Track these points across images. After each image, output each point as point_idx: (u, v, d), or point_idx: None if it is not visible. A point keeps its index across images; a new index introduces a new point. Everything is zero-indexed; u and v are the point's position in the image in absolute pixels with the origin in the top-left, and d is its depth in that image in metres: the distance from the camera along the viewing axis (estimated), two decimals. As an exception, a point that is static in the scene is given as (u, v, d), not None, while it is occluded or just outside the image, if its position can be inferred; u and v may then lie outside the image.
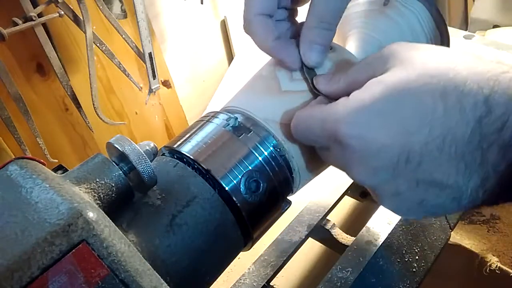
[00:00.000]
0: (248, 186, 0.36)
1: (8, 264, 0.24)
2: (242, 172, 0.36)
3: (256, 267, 0.58)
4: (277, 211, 0.40)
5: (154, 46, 0.90)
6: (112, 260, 0.26)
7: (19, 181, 0.27)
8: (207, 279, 0.36)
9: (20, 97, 0.72)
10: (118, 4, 0.85)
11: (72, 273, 0.25)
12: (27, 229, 0.25)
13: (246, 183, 0.36)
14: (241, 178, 0.36)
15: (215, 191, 0.36)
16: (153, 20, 0.96)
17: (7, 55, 0.75)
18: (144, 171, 0.32)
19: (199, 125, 0.40)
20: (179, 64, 1.08)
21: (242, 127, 0.38)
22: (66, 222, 0.25)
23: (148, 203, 0.34)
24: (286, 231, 0.62)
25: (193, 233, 0.34)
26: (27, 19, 0.69)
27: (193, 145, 0.38)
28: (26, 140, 0.75)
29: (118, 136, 0.33)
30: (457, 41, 0.76)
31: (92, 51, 0.77)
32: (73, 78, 0.84)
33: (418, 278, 0.52)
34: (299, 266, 0.67)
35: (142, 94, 0.96)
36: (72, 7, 0.74)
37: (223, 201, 0.36)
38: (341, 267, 0.54)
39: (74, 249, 0.25)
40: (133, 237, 0.32)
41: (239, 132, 0.38)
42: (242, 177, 0.36)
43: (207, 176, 0.36)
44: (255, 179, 0.37)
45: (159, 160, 0.38)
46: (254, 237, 0.38)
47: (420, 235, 0.57)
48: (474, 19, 1.35)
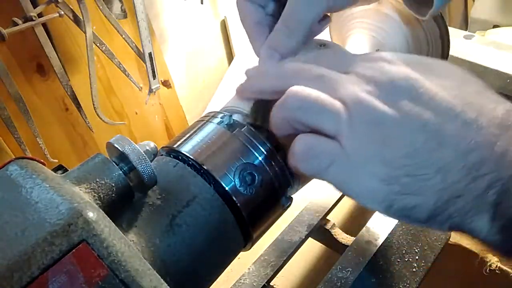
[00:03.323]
0: (243, 179, 0.36)
1: (8, 264, 0.24)
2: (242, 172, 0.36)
3: (256, 267, 0.58)
4: (277, 208, 0.40)
5: (154, 46, 0.90)
6: (112, 260, 0.26)
7: (19, 181, 0.27)
8: (207, 279, 0.36)
9: (20, 97, 0.72)
10: (118, 4, 0.85)
11: (72, 273, 0.25)
12: (27, 229, 0.25)
13: (240, 176, 0.36)
14: (235, 171, 0.36)
15: (215, 191, 0.36)
16: (153, 20, 0.96)
17: (7, 55, 0.75)
18: (144, 171, 0.32)
19: (199, 125, 0.40)
20: (179, 64, 1.08)
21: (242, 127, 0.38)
22: (66, 222, 0.25)
23: (148, 203, 0.34)
24: (286, 231, 0.62)
25: (193, 233, 0.34)
26: (27, 19, 0.69)
27: (193, 145, 0.38)
28: (26, 140, 0.75)
29: (118, 136, 0.33)
30: (457, 41, 0.76)
31: (92, 51, 0.77)
32: (73, 78, 0.84)
33: (418, 278, 0.52)
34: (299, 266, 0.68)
35: (142, 94, 0.96)
36: (72, 7, 0.74)
37: (223, 201, 0.36)
38: (341, 267, 0.54)
39: (74, 249, 0.25)
40: (133, 237, 0.32)
41: (239, 131, 0.38)
42: (235, 170, 0.36)
43: (207, 176, 0.36)
44: (250, 172, 0.36)
45: (159, 160, 0.38)
46: (254, 237, 0.38)
47: (420, 235, 0.57)
48: (474, 19, 1.35)
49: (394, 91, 0.29)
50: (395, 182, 0.28)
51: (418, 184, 0.28)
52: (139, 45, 0.86)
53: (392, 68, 0.30)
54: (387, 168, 0.28)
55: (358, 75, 0.30)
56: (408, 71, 0.29)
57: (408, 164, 0.28)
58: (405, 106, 0.28)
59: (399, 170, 0.28)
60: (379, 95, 0.29)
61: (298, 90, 0.31)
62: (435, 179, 0.28)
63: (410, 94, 0.28)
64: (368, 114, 0.29)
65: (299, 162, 0.31)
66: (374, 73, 0.30)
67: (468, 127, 0.27)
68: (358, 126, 0.29)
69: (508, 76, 0.69)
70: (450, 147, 0.27)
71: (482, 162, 0.27)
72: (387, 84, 0.29)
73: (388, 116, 0.28)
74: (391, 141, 0.28)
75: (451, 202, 0.28)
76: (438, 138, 0.28)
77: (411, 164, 0.28)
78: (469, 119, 0.27)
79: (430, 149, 0.28)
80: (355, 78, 0.30)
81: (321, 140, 0.30)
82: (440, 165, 0.27)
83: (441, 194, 0.28)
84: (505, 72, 0.69)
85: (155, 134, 1.06)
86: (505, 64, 0.70)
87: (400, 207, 0.29)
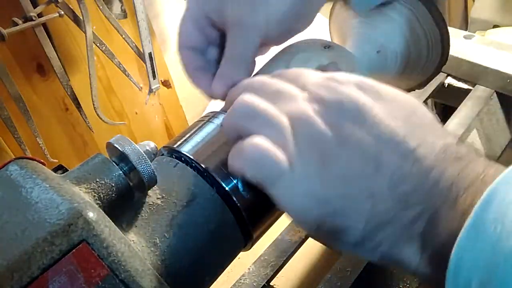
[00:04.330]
0: (243, 180, 0.36)
1: (8, 264, 0.24)
2: (242, 172, 0.36)
3: (256, 267, 0.58)
4: (277, 211, 0.40)
5: (154, 46, 0.90)
6: (112, 260, 0.26)
7: (19, 181, 0.27)
8: (207, 279, 0.36)
9: (20, 97, 0.72)
10: (118, 4, 0.85)
11: (72, 273, 0.25)
12: (27, 229, 0.25)
13: (243, 179, 0.36)
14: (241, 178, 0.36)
15: (215, 191, 0.36)
16: (153, 20, 0.96)
17: (7, 55, 0.75)
18: (144, 171, 0.32)
19: (199, 125, 0.40)
20: (179, 64, 1.08)
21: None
22: (66, 222, 0.25)
23: (148, 203, 0.34)
24: (286, 231, 0.62)
25: (193, 233, 0.34)
26: (27, 19, 0.69)
27: (193, 145, 0.38)
28: (26, 140, 0.75)
29: (118, 136, 0.33)
30: (457, 41, 0.76)
31: (92, 51, 0.77)
32: (73, 78, 0.84)
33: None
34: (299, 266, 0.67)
35: (142, 94, 0.96)
36: (72, 7, 0.74)
37: (223, 201, 0.36)
38: (341, 267, 0.54)
39: (74, 249, 0.25)
40: (133, 237, 0.32)
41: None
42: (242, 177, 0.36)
43: (207, 176, 0.36)
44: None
45: (159, 160, 0.38)
46: (254, 237, 0.38)
47: (420, 235, 0.56)
48: (474, 19, 1.35)
49: (340, 112, 0.29)
50: (328, 203, 0.29)
51: (349, 207, 0.28)
52: (139, 45, 0.86)
53: (344, 90, 0.30)
54: (323, 188, 0.29)
55: (312, 94, 0.31)
56: (358, 94, 0.30)
57: (342, 187, 0.29)
58: (348, 129, 0.29)
59: (333, 191, 0.29)
60: (324, 115, 0.29)
61: (246, 99, 0.32)
62: (366, 204, 0.28)
63: (356, 117, 0.29)
64: (309, 132, 0.29)
65: (248, 166, 0.31)
66: (326, 93, 0.30)
67: (406, 157, 0.28)
68: (301, 143, 0.29)
69: (508, 76, 0.69)
70: (384, 176, 0.28)
71: (413, 193, 0.27)
72: (335, 105, 0.30)
73: (328, 137, 0.29)
74: (330, 162, 0.29)
75: (380, 228, 0.28)
76: (375, 165, 0.28)
77: (345, 186, 0.28)
78: (408, 150, 0.28)
79: (365, 175, 0.28)
80: (308, 96, 0.31)
81: (274, 149, 0.30)
82: (372, 192, 0.28)
83: (370, 220, 0.28)
84: (505, 72, 0.69)
85: (155, 134, 1.06)
86: (505, 64, 0.70)
87: (330, 229, 0.29)
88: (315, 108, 0.30)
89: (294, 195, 0.30)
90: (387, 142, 0.28)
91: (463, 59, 0.73)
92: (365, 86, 0.30)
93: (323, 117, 0.29)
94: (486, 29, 1.21)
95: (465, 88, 0.73)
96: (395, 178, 0.28)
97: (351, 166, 0.29)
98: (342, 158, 0.29)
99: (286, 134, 0.30)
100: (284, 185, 0.30)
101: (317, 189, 0.29)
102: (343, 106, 0.29)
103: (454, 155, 0.28)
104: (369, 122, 0.29)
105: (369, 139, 0.28)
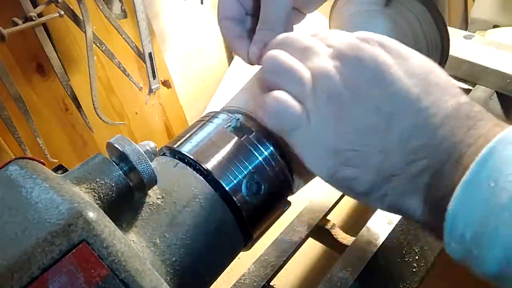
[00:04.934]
0: (250, 188, 0.36)
1: (8, 264, 0.24)
2: (243, 172, 0.36)
3: (256, 267, 0.58)
4: (277, 212, 0.40)
5: (154, 46, 0.90)
6: (112, 260, 0.26)
7: (19, 181, 0.27)
8: (207, 279, 0.36)
9: (20, 97, 0.71)
10: (118, 4, 0.85)
11: (72, 273, 0.25)
12: (27, 229, 0.25)
13: (247, 185, 0.36)
14: (243, 180, 0.36)
15: (215, 191, 0.36)
16: (153, 20, 0.96)
17: (7, 55, 0.75)
18: (144, 171, 0.32)
19: (199, 125, 0.40)
20: (179, 64, 1.08)
21: (243, 128, 0.39)
22: (66, 222, 0.25)
23: (148, 203, 0.34)
24: (286, 231, 0.62)
25: (193, 233, 0.34)
26: (27, 19, 0.69)
27: (193, 145, 0.38)
28: (26, 140, 0.75)
29: (118, 136, 0.33)
30: (457, 41, 0.76)
31: (92, 51, 0.77)
32: (73, 78, 0.84)
33: (418, 278, 0.52)
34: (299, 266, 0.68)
35: (142, 94, 0.96)
36: (72, 7, 0.74)
37: (223, 201, 0.36)
38: (341, 267, 0.54)
39: (74, 249, 0.25)
40: (133, 237, 0.32)
41: (240, 132, 0.38)
42: (243, 178, 0.36)
43: (207, 176, 0.36)
44: (257, 181, 0.37)
45: (159, 160, 0.38)
46: (254, 237, 0.38)
47: (420, 235, 0.56)
48: (474, 19, 1.35)
49: (359, 69, 0.31)
50: (341, 153, 0.31)
51: (361, 159, 0.31)
52: (139, 45, 0.86)
53: (366, 47, 0.31)
54: (337, 140, 0.31)
55: (336, 51, 0.32)
56: (379, 53, 0.31)
57: (356, 140, 0.30)
58: (365, 86, 0.30)
59: (346, 143, 0.31)
60: (344, 71, 0.31)
61: (274, 55, 0.33)
62: (377, 158, 0.30)
63: (374, 75, 0.30)
64: (328, 87, 0.31)
65: (268, 116, 0.33)
66: (348, 50, 0.32)
67: (418, 115, 0.29)
68: (319, 97, 0.31)
69: (508, 76, 0.69)
70: (396, 132, 0.29)
71: (421, 148, 0.29)
72: (355, 61, 0.31)
73: (345, 92, 0.31)
74: (345, 116, 0.31)
75: (387, 180, 0.30)
76: (388, 122, 0.30)
77: (358, 140, 0.30)
78: (421, 108, 0.29)
79: (378, 130, 0.30)
80: (332, 53, 0.32)
81: (292, 102, 0.32)
82: (383, 146, 0.30)
83: (379, 172, 0.30)
84: (505, 72, 0.69)
85: (155, 134, 1.06)
86: (505, 64, 0.70)
87: (342, 177, 0.32)
88: (336, 64, 0.31)
89: (309, 146, 0.32)
90: (402, 100, 0.30)
91: (463, 59, 0.73)
92: (387, 45, 0.32)
93: (342, 73, 0.31)
94: (486, 29, 1.21)
95: (465, 88, 0.73)
96: (406, 134, 0.29)
97: (365, 122, 0.30)
98: (357, 113, 0.30)
99: (306, 88, 0.32)
100: (300, 135, 0.32)
101: (332, 140, 0.31)
102: (363, 63, 0.31)
103: (466, 113, 0.29)
104: (386, 80, 0.30)
105: (385, 97, 0.30)
